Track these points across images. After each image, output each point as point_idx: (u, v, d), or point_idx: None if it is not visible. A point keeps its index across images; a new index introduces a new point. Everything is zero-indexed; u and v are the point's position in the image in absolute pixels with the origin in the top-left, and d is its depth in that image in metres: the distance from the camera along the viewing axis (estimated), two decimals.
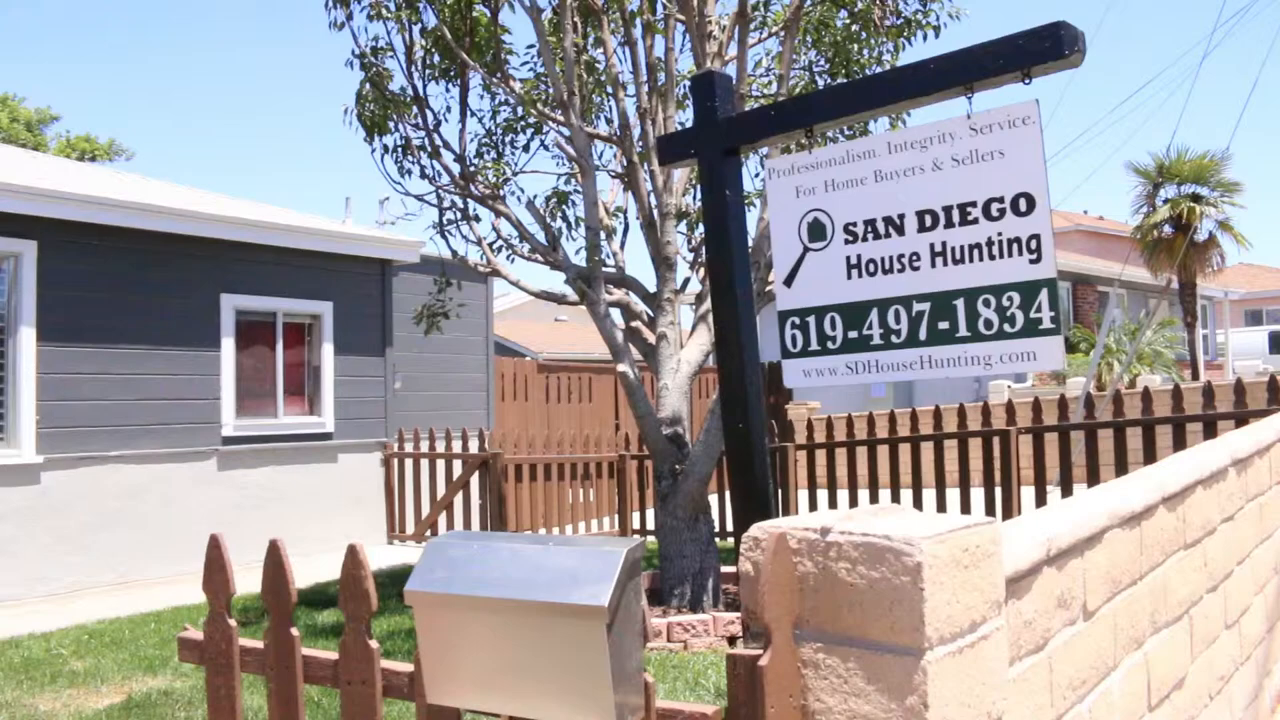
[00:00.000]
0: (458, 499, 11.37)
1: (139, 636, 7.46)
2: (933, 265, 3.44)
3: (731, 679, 1.76)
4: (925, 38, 8.58)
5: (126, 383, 9.85)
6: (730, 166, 3.93)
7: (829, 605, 1.75)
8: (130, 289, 9.91)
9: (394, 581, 8.51)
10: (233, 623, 2.61)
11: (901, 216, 3.50)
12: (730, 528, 11.22)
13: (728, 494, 11.31)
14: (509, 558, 2.00)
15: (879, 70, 8.65)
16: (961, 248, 3.38)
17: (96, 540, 9.56)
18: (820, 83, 9.00)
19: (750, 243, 6.88)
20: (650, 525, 11.31)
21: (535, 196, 8.87)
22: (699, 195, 8.93)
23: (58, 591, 9.25)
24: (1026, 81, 3.30)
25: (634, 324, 8.18)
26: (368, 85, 8.61)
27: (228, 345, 10.65)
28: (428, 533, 11.51)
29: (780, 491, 10.10)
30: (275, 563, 2.44)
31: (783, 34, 7.75)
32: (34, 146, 31.98)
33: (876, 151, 3.57)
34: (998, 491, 8.99)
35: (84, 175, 12.79)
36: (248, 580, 3.46)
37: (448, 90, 9.00)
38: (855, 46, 8.77)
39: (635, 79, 7.80)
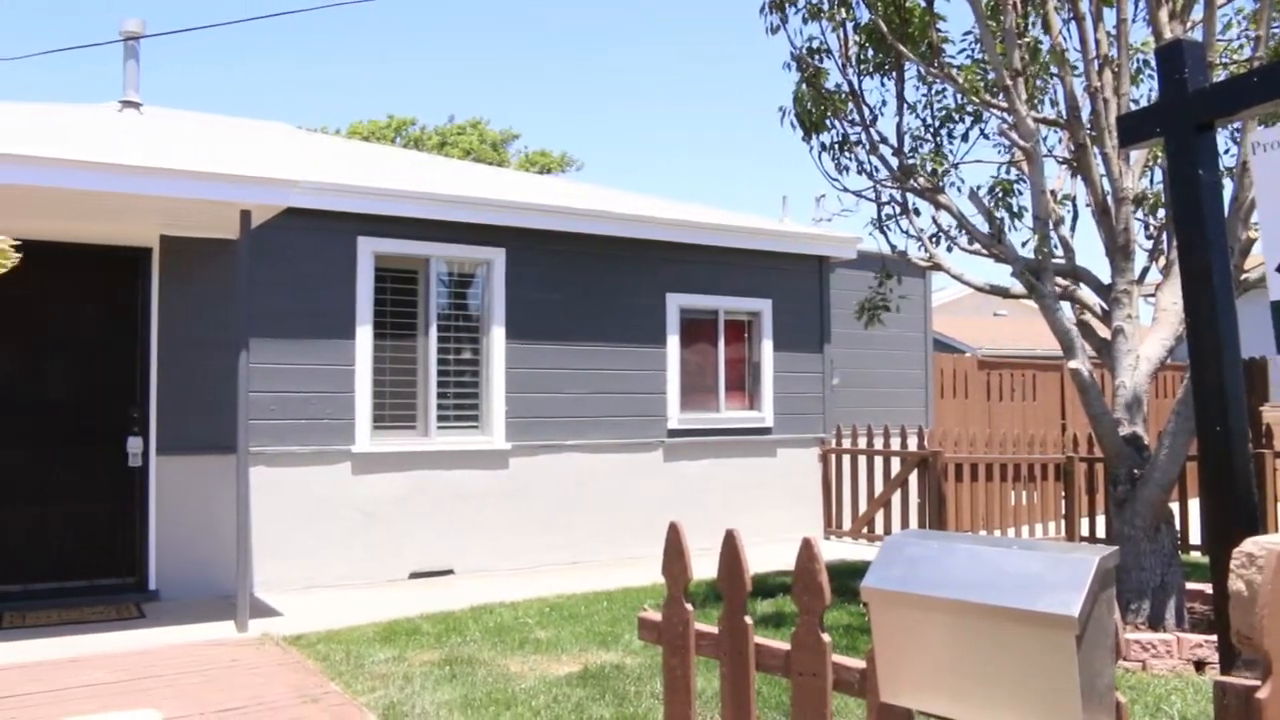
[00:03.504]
0: (895, 497, 11.25)
1: (593, 612, 8.01)
2: None
3: (1220, 710, 1.59)
4: None
5: (580, 377, 10.63)
6: (1203, 143, 3.57)
7: None
8: (584, 290, 10.68)
9: (832, 576, 8.54)
10: (689, 607, 2.73)
11: None
12: (1194, 540, 10.31)
13: (1188, 503, 10.42)
14: (968, 559, 1.93)
15: None
16: None
17: (554, 521, 10.39)
18: None
19: None
20: (1100, 533, 10.63)
21: (978, 187, 8.56)
22: (1158, 177, 8.25)
23: (521, 566, 10.15)
24: None
25: (1085, 318, 7.68)
26: (803, 85, 8.71)
27: (672, 342, 11.20)
28: (864, 530, 11.48)
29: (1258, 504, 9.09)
30: (731, 552, 2.52)
31: None
32: (498, 163, 35.33)
33: None
34: None
35: (542, 187, 13.94)
36: (693, 567, 3.59)
37: (883, 84, 8.92)
38: None
39: (1084, 56, 7.31)
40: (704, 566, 3.25)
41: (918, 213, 8.76)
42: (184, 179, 7.26)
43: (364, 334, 9.43)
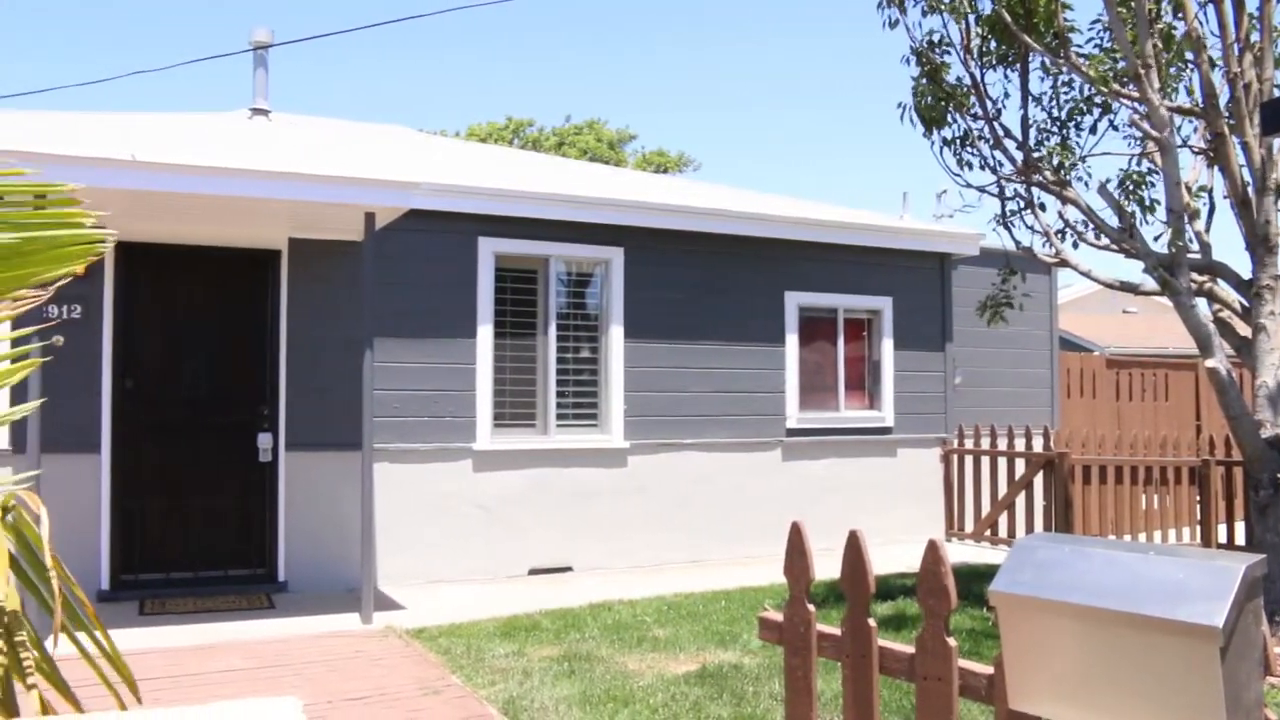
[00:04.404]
0: (1019, 499, 10.97)
1: (711, 611, 7.99)
2: None
3: None
4: None
5: (698, 376, 10.61)
6: None
7: None
8: (701, 289, 10.66)
9: (955, 579, 8.37)
10: (811, 608, 2.70)
11: None
12: None
13: None
14: (1103, 564, 1.86)
15: None
16: None
17: (672, 520, 10.40)
18: None
19: None
20: (1239, 540, 10.20)
21: (1107, 181, 8.29)
22: None
23: (640, 564, 10.18)
24: None
25: (1223, 315, 7.39)
26: (923, 79, 8.57)
27: (791, 341, 11.11)
28: (987, 532, 11.22)
29: None
30: (855, 553, 2.49)
31: None
32: (615, 163, 35.52)
33: None
34: None
35: (659, 186, 13.97)
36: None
37: (1005, 77, 8.73)
38: None
39: (1223, 40, 7.03)
40: (823, 567, 3.20)
41: (1043, 208, 8.54)
42: (312, 183, 7.47)
43: (485, 333, 9.57)
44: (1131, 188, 8.23)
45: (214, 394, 8.82)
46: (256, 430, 8.78)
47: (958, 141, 8.69)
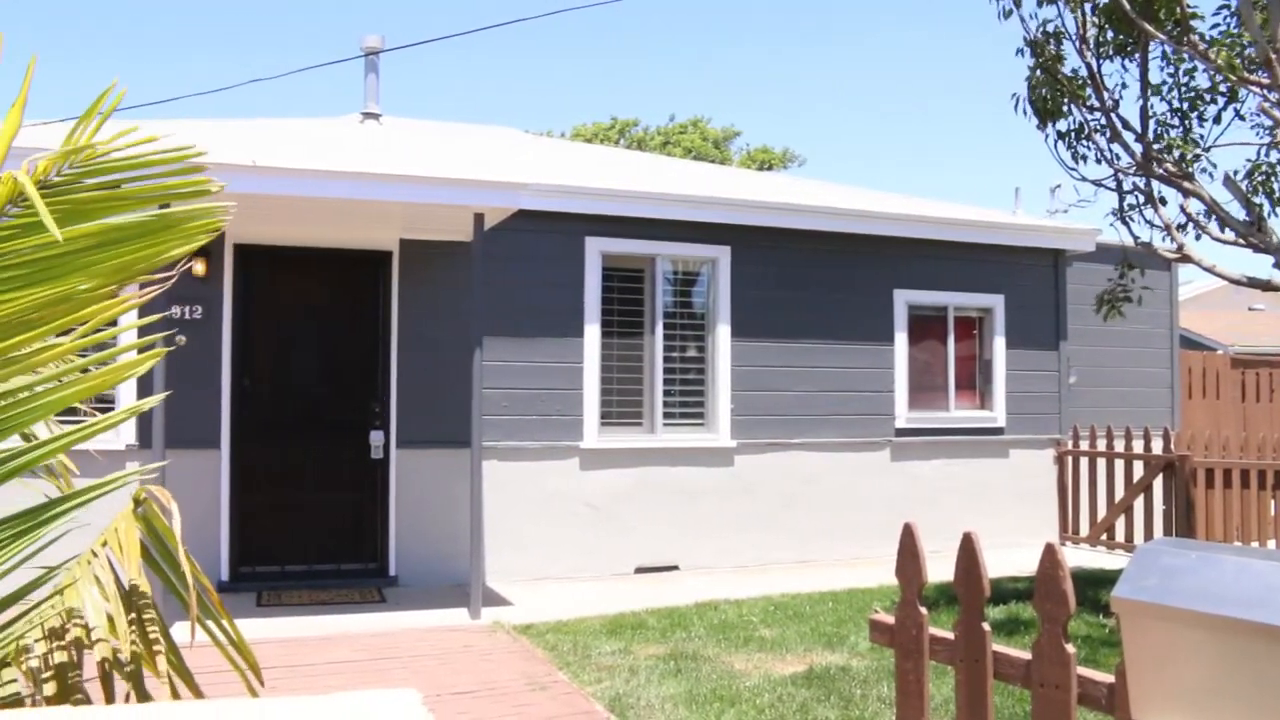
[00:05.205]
0: (1138, 503, 10.63)
1: (818, 613, 7.92)
2: None
3: None
4: None
5: (806, 375, 10.52)
6: None
7: None
8: (808, 287, 10.56)
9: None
10: (923, 610, 2.65)
11: None
12: None
13: None
14: (1234, 572, 1.78)
15: None
16: None
17: (779, 520, 10.33)
18: None
19: None
20: None
21: (1234, 172, 8.00)
22: None
23: (747, 564, 10.13)
24: None
25: None
26: (1038, 71, 8.37)
27: (900, 340, 10.95)
28: (1103, 536, 10.90)
29: None
30: (968, 555, 2.43)
31: None
32: (720, 161, 35.44)
33: None
34: None
35: (765, 184, 13.89)
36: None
37: (1124, 67, 8.49)
38: None
39: None
40: (932, 569, 3.14)
41: (1164, 201, 8.28)
42: (423, 185, 7.61)
43: (592, 332, 9.63)
44: (1261, 179, 7.93)
45: (327, 392, 9.04)
46: (368, 428, 8.97)
47: (1073, 134, 8.48)
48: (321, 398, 9.03)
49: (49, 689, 2.03)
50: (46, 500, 1.99)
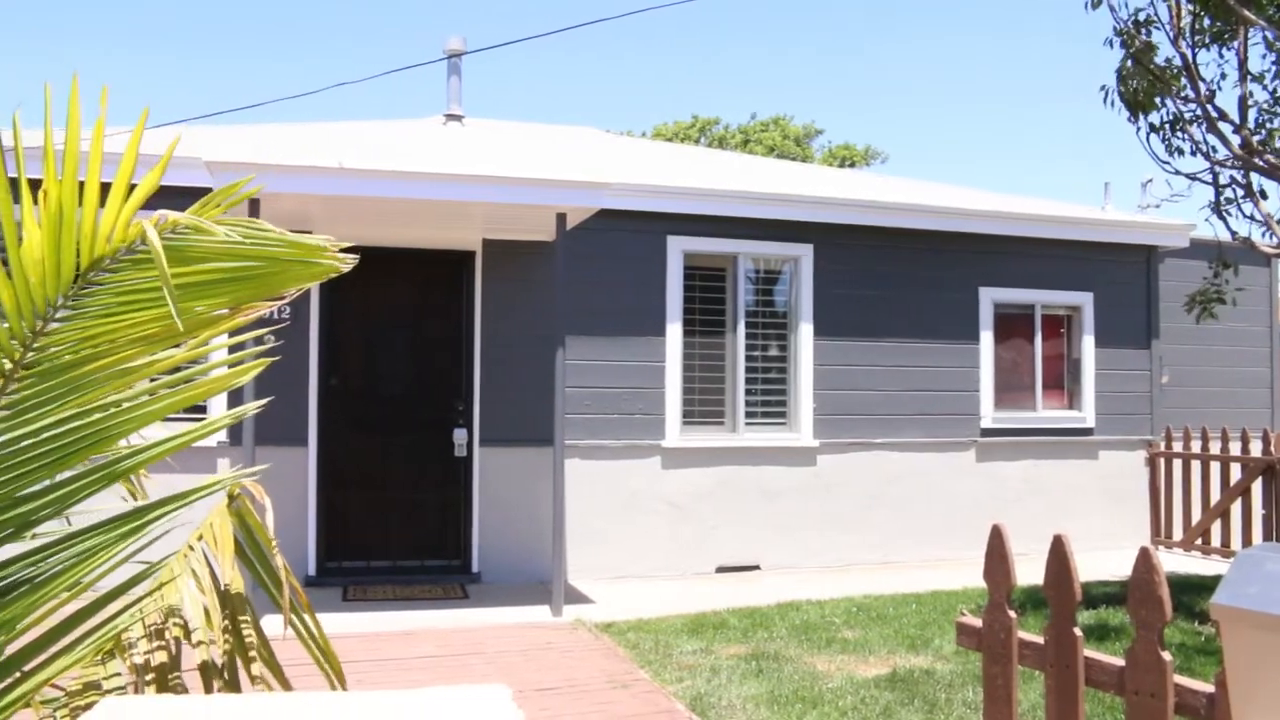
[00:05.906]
0: (1235, 507, 10.31)
1: (901, 615, 7.82)
2: None
3: None
4: None
5: (889, 374, 10.40)
6: None
7: None
8: (891, 285, 10.44)
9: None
10: (1012, 614, 2.60)
11: None
12: None
13: None
14: None
15: None
16: None
17: (862, 520, 10.23)
18: None
19: None
20: None
21: None
22: None
23: (828, 564, 10.05)
24: None
25: None
26: (1129, 61, 8.17)
27: (985, 338, 10.77)
28: (1197, 541, 10.60)
29: None
30: (1059, 558, 2.38)
31: None
32: (801, 159, 35.21)
33: None
34: None
35: (848, 182, 13.75)
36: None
37: (1220, 56, 8.24)
38: None
39: None
40: (1020, 572, 3.08)
41: (1264, 194, 8.03)
42: (505, 185, 7.68)
43: (674, 331, 9.63)
44: None
45: (411, 391, 9.17)
46: (452, 426, 9.07)
47: (1167, 126, 8.26)
48: (405, 396, 9.16)
49: (150, 680, 2.10)
50: (149, 501, 2.06)
